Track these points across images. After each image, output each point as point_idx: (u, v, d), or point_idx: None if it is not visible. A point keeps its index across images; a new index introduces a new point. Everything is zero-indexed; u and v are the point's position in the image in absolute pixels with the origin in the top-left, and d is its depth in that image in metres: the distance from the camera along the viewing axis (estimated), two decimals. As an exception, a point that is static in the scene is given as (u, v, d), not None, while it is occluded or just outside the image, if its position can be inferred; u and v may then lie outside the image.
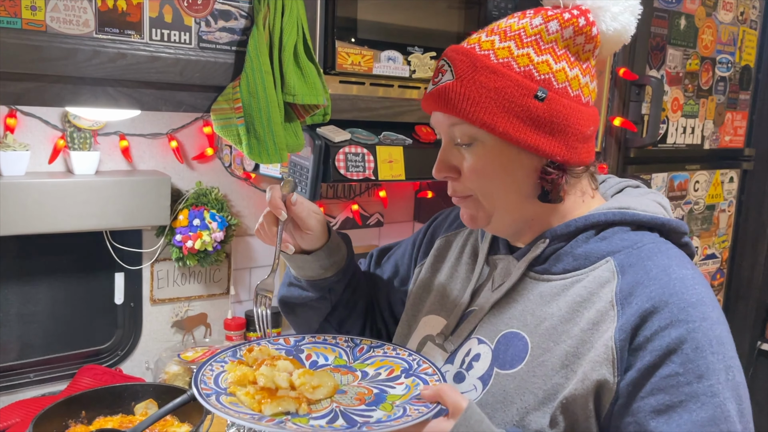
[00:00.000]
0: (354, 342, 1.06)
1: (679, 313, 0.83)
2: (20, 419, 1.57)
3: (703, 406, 0.80)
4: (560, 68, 0.88)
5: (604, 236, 0.93)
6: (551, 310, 0.91)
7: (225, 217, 1.88)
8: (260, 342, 1.04)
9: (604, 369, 0.83)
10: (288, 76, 1.35)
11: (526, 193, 0.93)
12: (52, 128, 1.66)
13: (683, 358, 0.81)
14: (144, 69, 1.24)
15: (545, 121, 0.87)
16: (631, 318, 0.84)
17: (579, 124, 0.89)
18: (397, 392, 0.91)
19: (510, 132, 0.87)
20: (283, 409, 0.86)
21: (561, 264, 0.94)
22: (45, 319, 1.77)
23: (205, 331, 1.99)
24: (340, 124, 1.59)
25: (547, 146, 0.88)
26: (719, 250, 2.33)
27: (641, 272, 0.87)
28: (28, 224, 1.56)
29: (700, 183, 2.16)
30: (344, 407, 0.88)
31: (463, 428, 0.80)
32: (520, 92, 0.86)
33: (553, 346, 0.88)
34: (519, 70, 0.87)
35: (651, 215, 0.94)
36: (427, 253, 1.18)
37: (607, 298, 0.87)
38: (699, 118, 2.11)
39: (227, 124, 1.36)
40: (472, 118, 0.87)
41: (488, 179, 0.92)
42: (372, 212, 2.26)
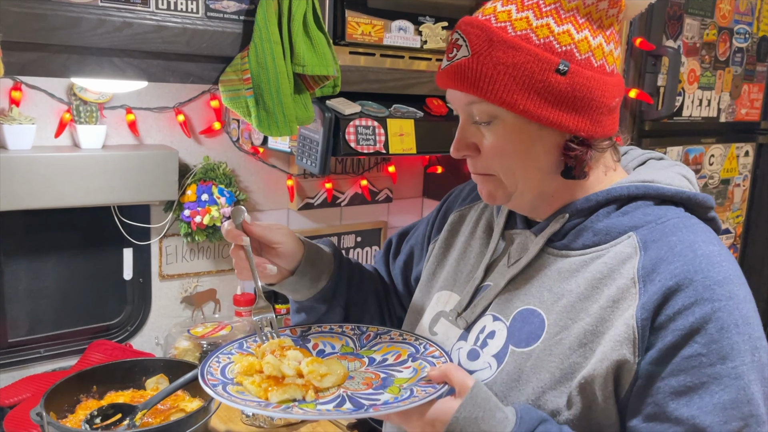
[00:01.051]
0: (360, 330, 1.05)
1: (703, 292, 0.79)
2: (31, 394, 1.57)
3: (726, 388, 0.77)
4: (582, 38, 0.83)
5: (626, 211, 0.89)
6: (569, 286, 0.88)
7: (233, 192, 1.87)
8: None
9: (624, 349, 0.80)
10: (297, 47, 1.32)
11: (547, 170, 0.89)
12: (58, 101, 1.64)
13: (707, 338, 0.78)
14: (150, 39, 1.21)
15: (568, 96, 0.82)
16: (653, 296, 0.81)
17: (603, 96, 0.85)
18: (405, 376, 0.90)
19: (531, 109, 0.83)
20: (290, 396, 0.85)
21: (581, 239, 0.90)
22: (54, 294, 1.77)
23: (214, 307, 1.99)
24: (350, 96, 1.56)
25: (570, 122, 0.84)
26: (733, 225, 2.30)
27: (665, 248, 0.84)
28: (34, 199, 1.54)
29: (715, 157, 2.13)
30: (351, 392, 0.87)
31: (470, 406, 0.79)
32: (540, 67, 0.82)
33: (571, 324, 0.86)
34: (538, 43, 0.82)
35: (676, 189, 0.90)
36: (440, 229, 1.15)
37: (628, 275, 0.84)
38: (715, 90, 2.06)
39: (236, 95, 1.34)
40: (491, 97, 0.83)
41: (509, 157, 0.88)
42: (381, 188, 2.24)
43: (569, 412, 0.84)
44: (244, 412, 1.52)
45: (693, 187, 0.94)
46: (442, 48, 1.61)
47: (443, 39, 1.61)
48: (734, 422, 0.77)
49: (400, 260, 1.23)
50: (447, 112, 1.68)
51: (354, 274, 1.16)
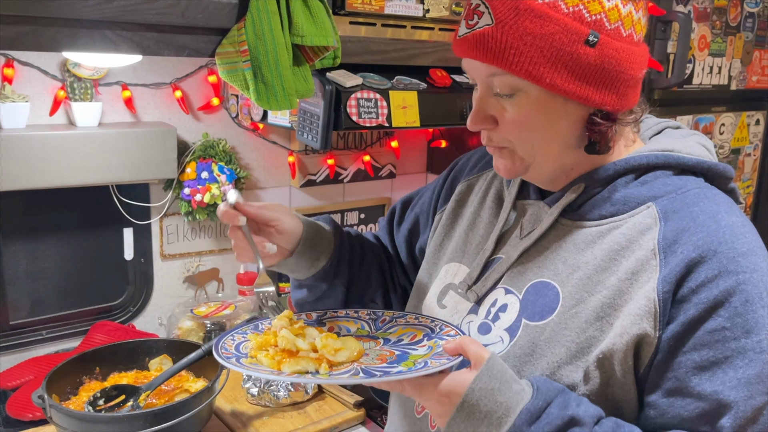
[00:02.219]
0: (376, 314, 1.04)
1: (728, 264, 0.77)
2: (34, 376, 1.56)
3: (750, 362, 0.75)
4: (613, 6, 0.79)
5: (644, 180, 0.86)
6: (585, 258, 0.85)
7: (234, 169, 1.83)
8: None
9: (645, 323, 0.78)
10: (295, 16, 1.27)
11: (569, 144, 0.86)
12: (52, 78, 1.60)
13: (731, 311, 0.75)
14: (143, 10, 1.17)
15: (596, 69, 0.79)
16: (676, 268, 0.78)
17: (631, 68, 0.81)
18: (420, 352, 0.89)
19: (557, 83, 0.78)
20: (302, 368, 0.84)
21: (597, 210, 0.87)
22: (55, 275, 1.74)
23: (217, 286, 1.96)
24: (351, 68, 1.52)
25: (596, 96, 0.80)
26: (744, 195, 2.26)
27: (687, 218, 0.81)
28: (30, 179, 1.51)
29: (725, 126, 2.08)
30: (366, 365, 0.86)
31: (485, 378, 0.77)
32: (569, 38, 0.77)
33: (588, 297, 0.83)
34: (567, 11, 0.77)
35: (696, 158, 0.87)
36: (447, 198, 1.12)
37: (648, 246, 0.81)
38: (726, 57, 2.01)
39: (233, 68, 1.30)
40: (516, 70, 0.78)
41: (530, 131, 0.84)
42: (384, 163, 2.20)
43: (586, 386, 0.81)
44: (253, 382, 1.51)
45: (712, 157, 0.91)
46: (446, 17, 1.56)
47: (446, 7, 1.56)
48: (759, 397, 0.75)
49: (404, 229, 1.20)
50: (451, 83, 1.64)
51: (355, 250, 1.13)
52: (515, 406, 0.76)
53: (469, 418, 0.77)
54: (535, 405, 0.76)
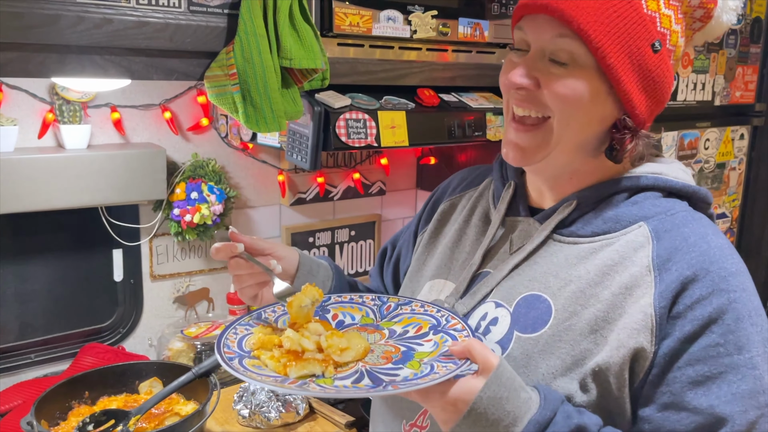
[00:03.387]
0: (381, 300, 1.01)
1: (720, 282, 0.80)
2: (22, 401, 1.54)
3: (743, 378, 0.78)
4: (677, 30, 0.84)
5: (635, 201, 0.89)
6: (578, 272, 0.87)
7: (223, 189, 1.83)
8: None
9: (641, 336, 0.80)
10: (284, 39, 1.28)
11: (591, 142, 0.88)
12: (40, 101, 1.60)
13: (724, 328, 0.78)
14: (132, 35, 1.17)
15: (649, 73, 0.83)
16: (671, 284, 0.81)
17: (667, 92, 0.86)
18: (425, 349, 0.87)
19: (617, 67, 0.81)
20: (309, 372, 0.82)
21: (590, 226, 0.89)
22: (44, 298, 1.73)
23: (207, 306, 1.96)
24: (340, 89, 1.53)
25: (637, 99, 0.83)
26: (729, 209, 2.28)
27: (679, 238, 0.84)
28: (19, 202, 1.51)
29: (710, 141, 2.11)
30: (370, 366, 0.84)
31: (494, 386, 0.76)
32: (643, 34, 0.81)
33: (581, 310, 0.84)
34: (647, 12, 0.82)
35: (683, 182, 0.91)
36: (429, 220, 1.13)
37: (642, 263, 0.83)
38: (710, 73, 2.04)
39: (222, 92, 1.30)
40: (590, 37, 0.79)
41: (571, 107, 0.84)
42: (374, 180, 2.21)
43: (581, 398, 0.82)
44: (244, 403, 1.50)
45: (693, 182, 0.95)
46: (433, 37, 1.58)
47: (433, 28, 1.57)
48: (752, 411, 0.78)
49: (391, 263, 1.22)
50: (438, 102, 1.65)
51: (351, 284, 1.15)
52: (523, 415, 0.76)
53: (474, 426, 0.76)
54: (543, 415, 0.76)
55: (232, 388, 1.63)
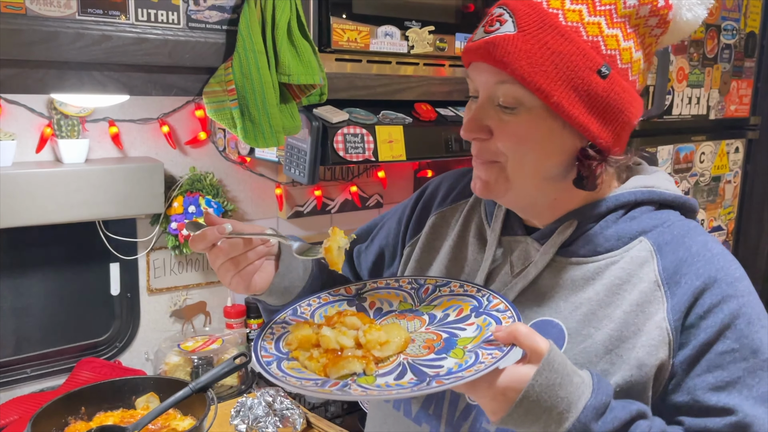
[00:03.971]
0: (418, 282, 0.96)
1: (728, 289, 0.82)
2: (19, 416, 1.53)
3: (761, 380, 0.80)
4: (627, 47, 0.81)
5: (633, 216, 0.89)
6: (587, 294, 0.86)
7: (221, 202, 1.84)
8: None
9: (661, 352, 0.81)
10: (282, 55, 1.29)
11: (556, 173, 0.86)
12: (38, 116, 1.60)
13: (737, 333, 0.80)
14: (131, 51, 1.18)
15: (602, 100, 0.80)
16: (683, 297, 0.82)
17: (630, 111, 0.82)
18: (468, 335, 0.83)
19: (564, 104, 0.79)
20: (348, 371, 0.78)
21: (591, 246, 0.88)
22: (40, 312, 1.73)
23: (204, 320, 1.95)
24: (337, 103, 1.54)
25: (595, 128, 0.81)
26: (725, 222, 2.29)
27: (682, 249, 0.85)
28: (17, 216, 1.51)
29: (705, 154, 2.12)
30: (412, 359, 0.80)
31: (546, 372, 0.72)
32: (584, 63, 0.79)
33: (594, 332, 0.84)
34: (587, 39, 0.79)
35: (674, 194, 0.92)
36: (418, 230, 1.08)
37: (649, 279, 0.84)
38: (704, 87, 2.05)
39: (220, 107, 1.31)
40: (528, 80, 0.78)
41: (525, 148, 0.83)
42: (371, 193, 2.22)
43: None
44: (241, 419, 1.49)
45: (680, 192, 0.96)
46: (430, 53, 1.59)
47: (430, 43, 1.58)
48: None
49: (367, 260, 1.15)
50: (436, 117, 1.66)
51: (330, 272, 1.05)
52: (577, 400, 0.73)
53: (527, 415, 0.73)
54: (598, 400, 0.74)
55: (229, 403, 1.62)
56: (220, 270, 0.90)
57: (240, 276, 0.90)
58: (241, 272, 0.90)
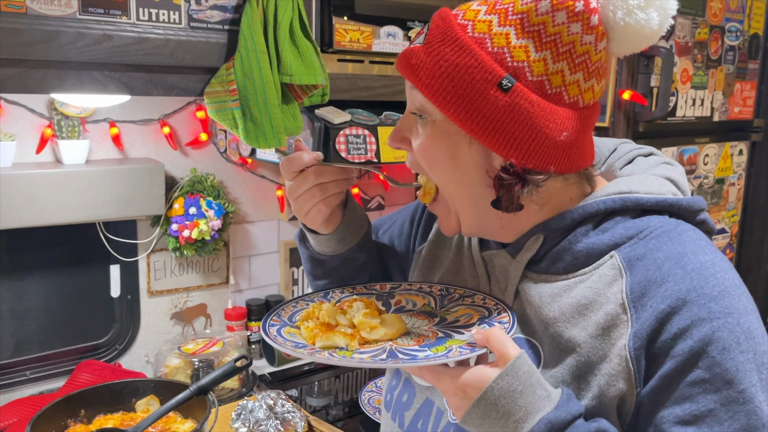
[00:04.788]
0: (448, 291, 0.97)
1: (699, 312, 0.73)
2: (18, 419, 1.52)
3: (735, 414, 0.72)
4: (539, 58, 0.75)
5: (604, 228, 0.81)
6: (553, 313, 0.81)
7: (222, 204, 1.82)
8: None
9: (620, 383, 0.75)
10: (284, 55, 1.28)
11: (481, 193, 0.82)
12: (39, 116, 1.60)
13: (709, 362, 0.72)
14: (132, 51, 1.17)
15: (504, 115, 0.75)
16: (645, 323, 0.75)
17: (547, 127, 0.75)
18: (462, 338, 0.83)
19: (460, 117, 0.76)
20: (332, 343, 0.82)
21: (560, 263, 0.83)
22: (40, 314, 1.72)
23: (205, 322, 1.94)
24: (339, 104, 1.53)
25: (499, 144, 0.76)
26: (729, 224, 2.28)
27: (652, 268, 0.77)
28: (16, 217, 1.50)
29: (709, 156, 2.11)
30: (397, 347, 0.82)
31: (508, 378, 0.71)
32: (482, 76, 0.75)
33: (564, 357, 0.80)
34: (491, 50, 0.75)
35: (656, 198, 0.82)
36: (425, 237, 1.07)
37: (616, 300, 0.77)
38: (708, 89, 2.05)
39: (222, 107, 1.30)
40: (426, 91, 0.77)
41: (435, 162, 0.82)
42: (373, 195, 2.21)
43: None
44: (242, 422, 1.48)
45: (679, 190, 0.87)
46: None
47: (433, 44, 1.58)
48: None
49: (380, 245, 1.15)
50: (438, 118, 1.65)
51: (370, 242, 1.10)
52: (535, 412, 0.72)
53: (485, 417, 0.73)
54: (557, 416, 0.72)
55: (230, 406, 1.61)
56: (303, 197, 0.92)
57: (324, 203, 0.92)
58: (326, 200, 0.92)
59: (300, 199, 0.93)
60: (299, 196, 0.92)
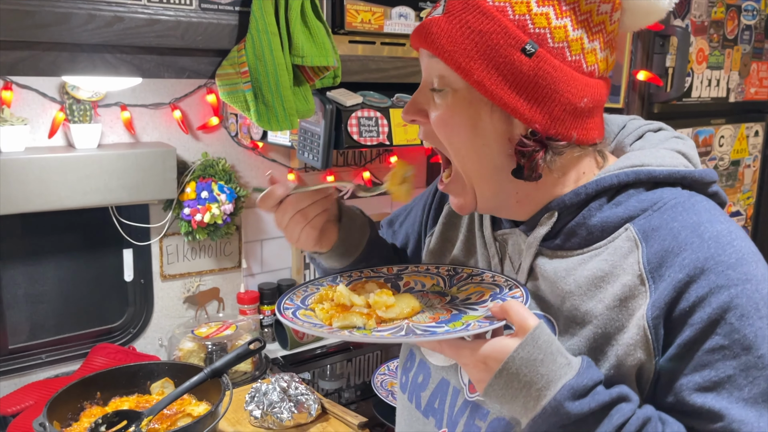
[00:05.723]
0: (456, 271, 0.97)
1: (717, 279, 0.73)
2: (34, 402, 1.54)
3: (754, 380, 0.72)
4: (560, 25, 0.77)
5: (618, 201, 0.82)
6: (569, 287, 0.82)
7: (234, 188, 1.82)
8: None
9: (639, 352, 0.75)
10: (295, 37, 1.27)
11: (500, 164, 0.82)
12: (50, 101, 1.59)
13: (727, 328, 0.72)
14: (143, 33, 1.16)
15: (528, 79, 0.76)
16: (664, 292, 0.75)
17: (569, 93, 0.77)
18: (476, 314, 0.83)
19: (485, 82, 0.76)
20: (350, 323, 0.82)
21: (575, 238, 0.83)
22: (54, 298, 1.73)
23: (218, 306, 1.95)
24: (351, 86, 1.52)
25: (524, 108, 0.77)
26: (744, 207, 2.26)
27: (669, 238, 0.77)
28: (29, 202, 1.50)
29: (725, 138, 2.08)
30: (413, 324, 0.82)
31: (529, 347, 0.72)
32: (507, 41, 0.76)
33: (579, 330, 0.80)
34: (513, 18, 0.76)
35: (668, 170, 0.82)
36: (436, 220, 1.08)
37: (633, 271, 0.77)
38: (724, 69, 2.01)
39: (233, 90, 1.29)
40: (448, 58, 0.77)
41: (454, 132, 0.82)
42: (384, 179, 2.19)
43: None
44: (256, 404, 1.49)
45: (691, 162, 0.87)
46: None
47: (445, 25, 1.56)
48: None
49: (397, 243, 1.17)
50: (451, 100, 1.64)
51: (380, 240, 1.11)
52: (557, 379, 0.72)
53: (507, 387, 0.73)
54: (579, 382, 0.72)
55: (244, 389, 1.62)
56: (289, 225, 0.94)
57: (310, 226, 0.94)
58: (311, 222, 0.94)
59: (287, 228, 0.95)
60: (285, 226, 0.95)
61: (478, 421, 0.87)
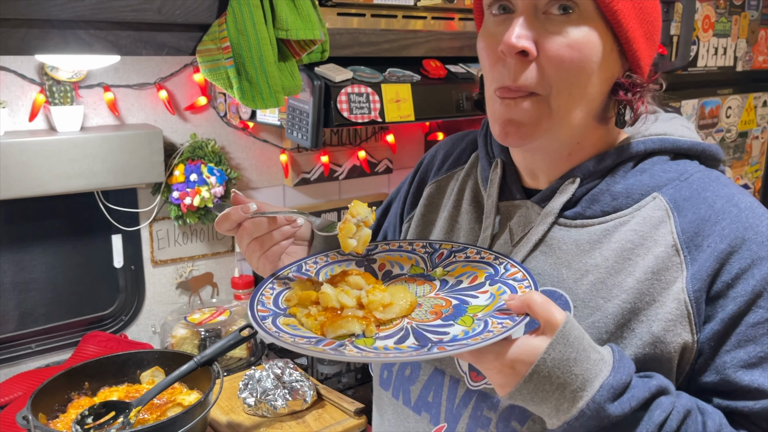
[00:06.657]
0: (432, 247, 0.90)
1: (759, 250, 0.72)
2: (23, 392, 1.50)
3: None
4: None
5: (643, 168, 0.79)
6: (594, 260, 0.77)
7: (224, 170, 1.77)
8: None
9: (679, 328, 0.72)
10: (279, 9, 1.21)
11: (598, 108, 0.77)
12: (30, 82, 1.54)
13: None
14: (117, 7, 1.10)
15: (649, 16, 0.74)
16: (705, 263, 0.72)
17: (659, 33, 0.77)
18: (480, 302, 0.77)
19: (623, 12, 0.71)
20: (347, 331, 0.73)
21: (597, 205, 0.79)
22: (43, 286, 1.69)
23: (212, 291, 1.91)
24: (341, 61, 1.46)
25: (643, 50, 0.74)
26: (752, 180, 2.20)
27: (703, 207, 0.75)
28: (11, 188, 1.45)
29: (732, 109, 2.01)
30: (417, 323, 0.75)
31: (560, 346, 0.65)
32: None
33: (604, 304, 0.75)
34: None
35: (691, 141, 0.81)
36: (415, 204, 1.02)
37: (666, 242, 0.74)
38: (731, 37, 1.94)
39: (215, 66, 1.23)
40: None
41: (576, 71, 0.72)
42: (380, 158, 2.14)
43: None
44: (250, 392, 1.45)
45: (699, 139, 0.86)
46: (438, 5, 1.50)
47: (438, -5, 1.49)
48: None
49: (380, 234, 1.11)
50: (446, 74, 1.58)
51: None
52: (593, 379, 0.66)
53: (536, 391, 0.67)
54: (617, 379, 0.67)
55: (236, 376, 1.58)
56: (247, 251, 0.87)
57: (266, 257, 0.86)
58: (266, 253, 0.86)
59: (245, 253, 0.88)
60: (244, 251, 0.88)
61: (486, 412, 0.80)
